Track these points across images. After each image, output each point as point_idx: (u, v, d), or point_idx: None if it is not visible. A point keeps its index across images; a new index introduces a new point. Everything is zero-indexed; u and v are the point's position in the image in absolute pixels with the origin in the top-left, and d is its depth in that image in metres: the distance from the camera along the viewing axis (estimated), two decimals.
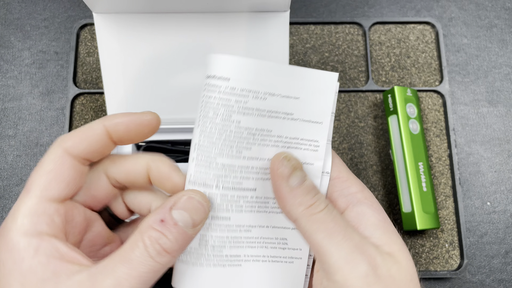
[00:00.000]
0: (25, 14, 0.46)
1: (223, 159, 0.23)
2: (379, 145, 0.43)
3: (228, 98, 0.23)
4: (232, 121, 0.23)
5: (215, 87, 0.23)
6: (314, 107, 0.24)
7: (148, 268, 0.20)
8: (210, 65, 0.23)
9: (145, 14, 0.33)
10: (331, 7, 0.47)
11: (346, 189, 0.24)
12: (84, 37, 0.45)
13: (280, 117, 0.24)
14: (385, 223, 0.23)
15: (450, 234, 0.40)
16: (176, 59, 0.35)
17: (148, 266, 0.20)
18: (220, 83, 0.22)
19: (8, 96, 0.43)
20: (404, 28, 0.46)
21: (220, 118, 0.23)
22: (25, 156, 0.42)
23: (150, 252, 0.20)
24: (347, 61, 0.45)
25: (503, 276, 0.40)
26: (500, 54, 0.46)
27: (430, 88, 0.44)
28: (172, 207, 0.21)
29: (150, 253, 0.20)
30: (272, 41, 0.34)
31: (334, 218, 0.21)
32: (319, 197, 0.22)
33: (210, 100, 0.23)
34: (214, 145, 0.23)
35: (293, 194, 0.22)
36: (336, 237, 0.21)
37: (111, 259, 0.20)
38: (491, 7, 0.47)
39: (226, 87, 0.22)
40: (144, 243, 0.20)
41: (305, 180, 0.22)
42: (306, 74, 0.24)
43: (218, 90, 0.23)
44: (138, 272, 0.19)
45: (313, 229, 0.21)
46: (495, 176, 0.42)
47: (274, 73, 0.23)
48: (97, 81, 0.44)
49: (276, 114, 0.24)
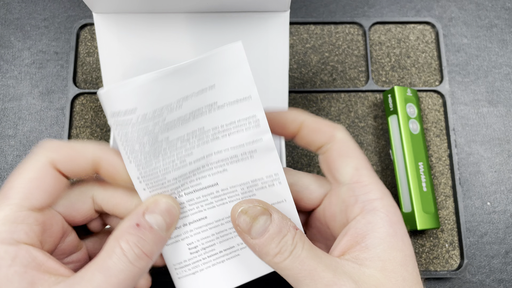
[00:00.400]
0: (25, 14, 0.46)
1: (172, 174, 0.23)
2: (379, 145, 0.43)
3: (145, 126, 0.21)
4: (160, 141, 0.22)
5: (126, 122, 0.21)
6: (234, 86, 0.23)
7: (127, 274, 0.20)
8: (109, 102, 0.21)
9: (145, 14, 0.33)
10: (331, 7, 0.47)
11: (364, 195, 0.23)
12: (84, 37, 0.45)
13: (205, 112, 0.23)
14: (392, 238, 0.22)
15: (450, 234, 0.40)
16: (176, 59, 0.35)
17: (126, 272, 0.20)
18: (128, 117, 0.21)
19: (8, 96, 0.43)
20: (404, 28, 0.46)
21: (148, 146, 0.22)
22: (25, 156, 0.42)
23: (129, 257, 0.20)
24: (347, 61, 0.45)
25: (503, 276, 0.40)
26: (500, 54, 0.46)
27: (430, 88, 0.44)
28: (145, 212, 0.21)
29: (129, 257, 0.20)
30: (272, 41, 0.34)
31: (300, 263, 0.20)
32: (284, 243, 0.21)
33: (128, 136, 0.21)
34: (156, 169, 0.22)
35: (258, 245, 0.21)
36: (303, 281, 0.20)
37: (88, 268, 0.20)
38: (491, 7, 0.47)
39: (137, 117, 0.21)
40: (122, 248, 0.20)
41: (267, 227, 0.21)
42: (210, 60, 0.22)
43: (131, 124, 0.21)
44: (117, 279, 0.19)
45: (283, 275, 0.21)
46: (495, 176, 0.42)
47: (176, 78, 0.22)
48: (97, 81, 0.44)
49: (199, 112, 0.22)
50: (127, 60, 0.35)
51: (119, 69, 0.35)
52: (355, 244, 0.22)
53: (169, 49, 0.35)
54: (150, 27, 0.34)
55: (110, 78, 0.35)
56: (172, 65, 0.22)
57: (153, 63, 0.35)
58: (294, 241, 0.21)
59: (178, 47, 0.34)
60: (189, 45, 0.34)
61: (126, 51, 0.34)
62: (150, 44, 0.34)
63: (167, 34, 0.34)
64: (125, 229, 0.21)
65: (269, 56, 0.35)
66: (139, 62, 0.35)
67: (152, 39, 0.34)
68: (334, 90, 0.44)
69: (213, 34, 0.34)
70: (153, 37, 0.34)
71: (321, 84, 0.44)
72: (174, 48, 0.34)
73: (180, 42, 0.34)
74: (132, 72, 0.35)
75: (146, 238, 0.20)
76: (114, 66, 0.35)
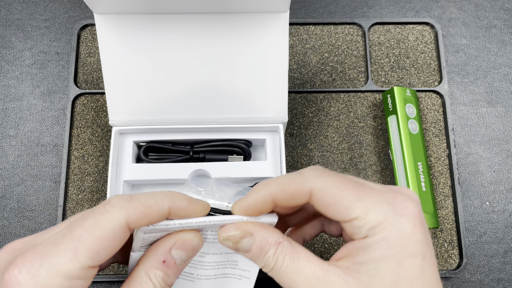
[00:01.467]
0: (26, 15, 0.46)
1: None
2: (378, 145, 0.43)
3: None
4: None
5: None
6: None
7: None
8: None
9: (146, 15, 0.33)
10: (330, 8, 0.47)
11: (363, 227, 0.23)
12: (85, 38, 0.45)
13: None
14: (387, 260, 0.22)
15: (449, 233, 0.41)
16: (177, 60, 0.35)
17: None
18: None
19: (9, 96, 0.43)
20: (404, 29, 0.46)
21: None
22: (26, 156, 0.42)
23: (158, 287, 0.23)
24: (347, 61, 0.45)
25: (502, 275, 0.40)
26: (499, 54, 0.46)
27: (429, 89, 0.44)
28: (172, 248, 0.23)
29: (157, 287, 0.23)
30: (272, 41, 0.34)
31: (282, 275, 0.23)
32: (266, 259, 0.23)
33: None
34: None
35: (248, 257, 0.24)
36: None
37: None
38: (490, 8, 0.47)
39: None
40: (153, 281, 0.23)
41: (250, 247, 0.23)
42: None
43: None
44: None
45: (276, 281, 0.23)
46: (494, 176, 0.42)
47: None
48: (98, 81, 0.44)
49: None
50: (128, 61, 0.35)
51: (120, 69, 0.35)
52: (349, 256, 0.23)
53: (170, 50, 0.35)
54: (150, 27, 0.34)
55: (111, 78, 0.35)
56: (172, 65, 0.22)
57: (154, 63, 0.35)
58: (275, 257, 0.23)
59: (178, 47, 0.35)
60: (189, 46, 0.35)
61: (127, 52, 0.35)
62: (151, 45, 0.34)
63: (168, 34, 0.34)
64: (154, 264, 0.23)
65: (269, 57, 0.35)
66: (139, 63, 0.35)
67: (152, 40, 0.34)
68: (333, 90, 0.44)
69: (214, 35, 0.34)
70: (154, 37, 0.34)
71: (321, 84, 0.44)
72: (174, 49, 0.35)
73: (181, 43, 0.34)
74: (133, 72, 0.35)
75: (170, 274, 0.23)
76: (115, 67, 0.35)
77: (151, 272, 0.23)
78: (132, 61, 0.35)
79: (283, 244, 0.23)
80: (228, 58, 0.35)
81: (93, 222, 0.21)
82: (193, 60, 0.35)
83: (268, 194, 0.24)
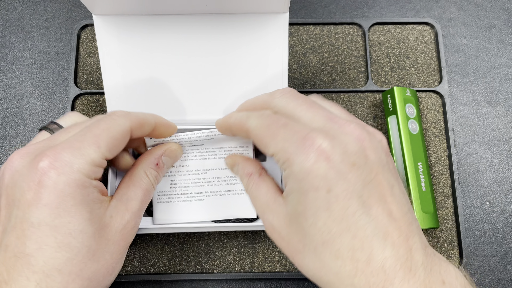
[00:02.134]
0: (26, 15, 0.46)
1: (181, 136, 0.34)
2: None
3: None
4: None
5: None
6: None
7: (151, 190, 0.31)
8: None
9: (145, 16, 0.33)
10: (330, 8, 0.47)
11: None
12: (85, 38, 0.45)
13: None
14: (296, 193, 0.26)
15: (449, 233, 0.41)
16: (176, 61, 0.35)
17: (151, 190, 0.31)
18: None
19: (9, 97, 0.44)
20: (404, 29, 0.46)
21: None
22: None
23: (152, 182, 0.31)
24: (347, 61, 0.45)
25: (502, 275, 0.40)
26: (499, 54, 0.46)
27: (429, 89, 0.44)
28: (162, 155, 0.32)
29: (152, 182, 0.31)
30: (272, 42, 0.34)
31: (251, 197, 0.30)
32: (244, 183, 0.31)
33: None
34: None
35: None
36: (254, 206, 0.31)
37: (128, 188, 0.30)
38: (490, 8, 0.47)
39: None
40: (149, 178, 0.30)
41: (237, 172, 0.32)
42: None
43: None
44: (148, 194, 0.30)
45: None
46: (494, 176, 0.42)
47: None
48: (98, 82, 0.44)
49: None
50: (127, 62, 0.35)
51: (119, 70, 0.35)
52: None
53: (169, 51, 0.35)
54: (149, 28, 0.34)
55: (110, 79, 0.35)
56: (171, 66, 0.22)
57: (153, 64, 0.35)
58: (246, 184, 0.30)
59: (177, 48, 0.35)
60: (189, 47, 0.35)
61: (126, 53, 0.35)
62: (150, 46, 0.34)
63: (167, 35, 0.34)
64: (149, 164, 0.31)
65: (268, 57, 0.35)
66: (139, 64, 0.35)
67: (151, 41, 0.34)
68: (333, 90, 0.44)
69: (213, 36, 0.34)
70: (153, 38, 0.34)
71: (321, 84, 0.44)
72: (173, 50, 0.35)
73: (180, 44, 0.34)
74: (132, 73, 0.35)
75: (160, 174, 0.32)
76: (114, 68, 0.35)
77: (148, 171, 0.31)
78: (131, 62, 0.35)
79: (253, 176, 0.30)
80: (227, 60, 0.35)
81: (107, 125, 0.27)
82: (192, 61, 0.35)
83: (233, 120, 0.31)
